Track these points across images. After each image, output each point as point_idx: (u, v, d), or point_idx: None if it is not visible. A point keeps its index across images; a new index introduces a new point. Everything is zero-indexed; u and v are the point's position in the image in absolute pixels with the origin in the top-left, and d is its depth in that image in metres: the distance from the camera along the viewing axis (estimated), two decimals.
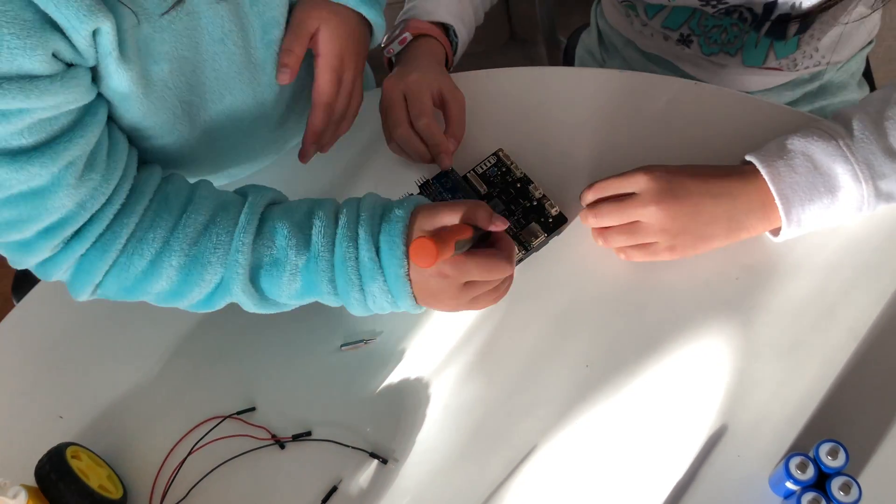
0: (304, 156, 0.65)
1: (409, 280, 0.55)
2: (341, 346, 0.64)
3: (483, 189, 0.67)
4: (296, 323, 0.65)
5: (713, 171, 0.60)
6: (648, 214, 0.59)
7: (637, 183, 0.60)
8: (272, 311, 0.59)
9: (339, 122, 0.66)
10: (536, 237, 0.64)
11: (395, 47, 0.72)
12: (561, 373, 0.60)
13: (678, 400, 0.58)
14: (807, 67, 0.78)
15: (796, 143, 0.59)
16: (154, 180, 0.57)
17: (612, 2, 0.87)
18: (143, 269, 0.55)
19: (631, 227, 0.60)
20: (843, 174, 0.57)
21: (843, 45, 0.77)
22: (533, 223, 0.65)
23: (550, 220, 0.65)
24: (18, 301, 0.72)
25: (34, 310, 0.70)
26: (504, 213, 0.66)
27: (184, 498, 0.60)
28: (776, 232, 0.60)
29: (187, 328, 0.66)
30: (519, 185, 0.67)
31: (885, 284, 0.60)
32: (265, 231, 0.56)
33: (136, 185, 0.56)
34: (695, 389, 0.58)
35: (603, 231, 0.62)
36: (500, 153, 0.68)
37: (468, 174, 0.68)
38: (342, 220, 0.56)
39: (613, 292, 0.62)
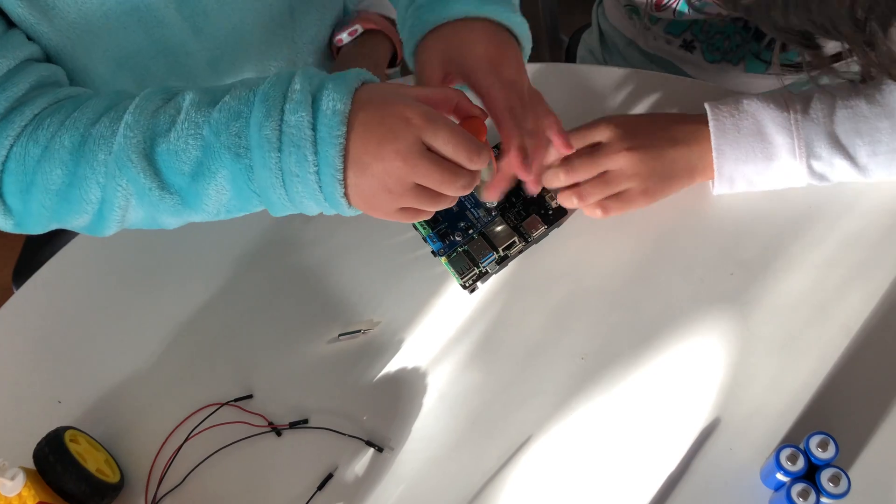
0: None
1: (345, 147, 0.46)
2: (339, 335, 0.64)
3: None
4: (294, 312, 0.66)
5: (671, 118, 0.64)
6: (619, 160, 0.61)
7: (602, 133, 0.62)
8: (177, 214, 0.51)
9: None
10: (537, 229, 0.64)
11: (345, 38, 0.71)
12: (556, 364, 0.61)
13: (672, 393, 0.59)
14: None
15: (753, 105, 0.62)
16: (68, 89, 0.55)
17: (614, 2, 0.87)
18: (38, 155, 0.51)
19: (603, 178, 0.62)
20: (782, 145, 0.60)
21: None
22: (533, 215, 0.65)
23: (550, 212, 0.65)
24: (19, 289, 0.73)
25: (34, 296, 0.70)
26: (504, 204, 0.66)
27: (180, 483, 0.61)
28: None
29: (186, 315, 0.67)
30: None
31: (879, 282, 0.60)
32: (170, 101, 0.50)
33: (49, 80, 0.55)
34: (688, 383, 0.59)
35: (577, 189, 0.62)
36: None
37: None
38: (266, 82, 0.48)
39: (610, 285, 0.63)
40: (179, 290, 0.68)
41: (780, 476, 0.50)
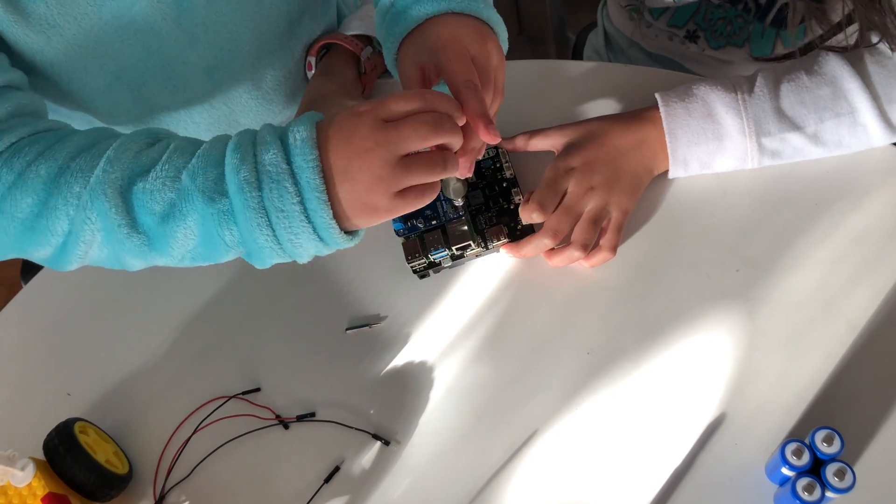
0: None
1: (321, 168, 0.47)
2: (346, 329, 0.65)
3: (472, 178, 0.67)
4: (301, 306, 0.66)
5: (614, 128, 0.64)
6: (589, 202, 0.62)
7: (560, 179, 0.63)
8: (141, 256, 0.51)
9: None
10: (498, 238, 0.64)
11: (312, 60, 0.75)
12: (563, 359, 0.61)
13: (677, 388, 0.59)
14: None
15: (701, 89, 0.64)
16: (49, 122, 0.55)
17: (617, 4, 0.88)
18: (10, 182, 0.50)
19: (585, 220, 0.62)
20: (732, 125, 0.62)
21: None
22: (502, 225, 0.65)
23: (518, 227, 0.65)
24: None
25: (43, 290, 0.71)
26: (481, 206, 0.66)
27: (188, 475, 0.61)
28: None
29: (194, 309, 0.67)
30: (504, 185, 0.67)
31: (885, 279, 0.60)
32: (154, 146, 0.51)
33: (27, 110, 0.55)
34: (694, 378, 0.59)
35: (570, 246, 0.62)
36: (500, 149, 0.68)
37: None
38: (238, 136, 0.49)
39: (616, 281, 0.63)
40: (188, 284, 0.68)
41: (785, 470, 0.51)
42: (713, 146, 0.62)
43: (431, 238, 0.64)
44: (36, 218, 0.50)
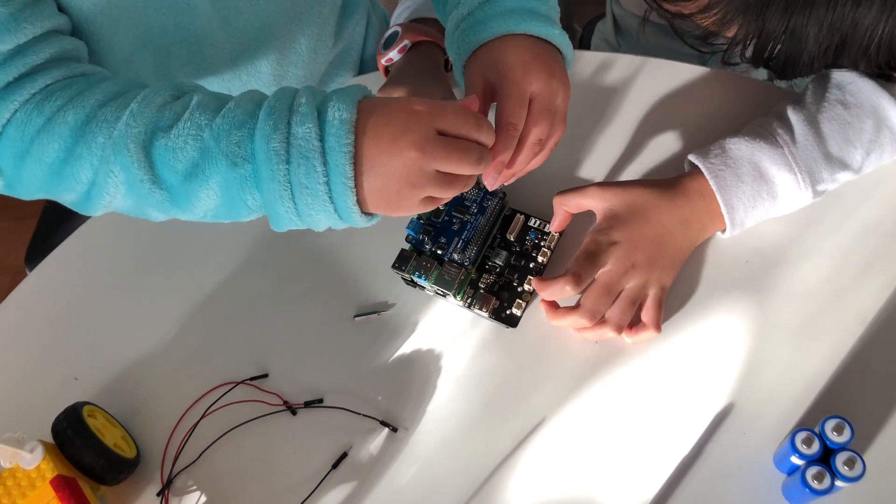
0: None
1: (355, 154, 0.47)
2: (354, 316, 0.65)
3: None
4: (310, 293, 0.66)
5: (658, 204, 0.60)
6: (628, 281, 0.59)
7: (602, 254, 0.59)
8: (163, 210, 0.52)
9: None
10: (482, 310, 0.62)
11: (395, 56, 0.70)
12: (571, 348, 0.61)
13: (686, 377, 0.59)
14: None
15: (743, 150, 0.60)
16: (84, 66, 0.55)
17: None
18: (39, 126, 0.50)
19: (622, 299, 0.59)
20: (786, 182, 0.60)
21: None
22: (495, 299, 0.62)
23: (506, 312, 0.62)
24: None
25: (51, 275, 0.71)
26: (497, 268, 0.63)
27: (196, 460, 0.61)
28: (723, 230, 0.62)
29: (203, 295, 0.67)
30: (530, 266, 0.63)
31: (895, 271, 0.60)
32: (178, 99, 0.51)
33: (69, 55, 0.55)
34: (703, 367, 0.59)
35: (604, 324, 0.59)
36: (552, 233, 0.64)
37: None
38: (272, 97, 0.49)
39: None
40: (196, 270, 0.68)
41: (794, 459, 0.51)
42: (769, 204, 0.60)
43: (426, 264, 0.62)
44: (62, 164, 0.51)
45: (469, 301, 0.62)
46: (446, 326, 0.63)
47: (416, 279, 0.62)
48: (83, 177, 0.51)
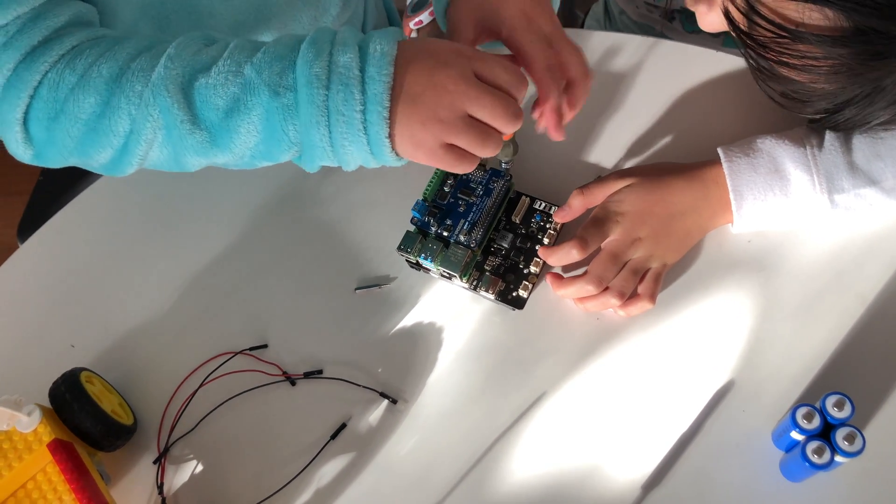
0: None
1: (393, 86, 0.47)
2: (355, 289, 0.64)
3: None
4: (311, 265, 0.66)
5: (674, 185, 0.61)
6: (633, 252, 0.60)
7: (609, 226, 0.60)
8: (202, 153, 0.51)
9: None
10: (489, 291, 0.62)
11: (426, 18, 0.69)
12: (572, 324, 0.61)
13: (687, 355, 0.59)
14: None
15: (767, 143, 0.60)
16: (106, 30, 0.55)
17: None
18: (73, 83, 0.51)
19: (627, 269, 0.60)
20: (801, 181, 0.59)
21: None
22: (501, 281, 0.62)
23: (512, 294, 0.62)
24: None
25: (48, 242, 0.70)
26: (503, 250, 0.63)
27: (193, 429, 0.61)
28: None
29: (203, 264, 0.67)
30: (535, 250, 0.63)
31: (895, 253, 0.61)
32: (213, 45, 0.52)
33: (85, 19, 0.55)
34: (703, 345, 0.59)
35: (608, 291, 0.59)
36: (554, 221, 0.64)
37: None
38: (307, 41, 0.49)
39: None
40: (197, 239, 0.68)
41: (794, 434, 0.51)
42: (780, 201, 0.59)
43: (432, 245, 0.61)
44: (98, 118, 0.51)
45: (475, 283, 0.62)
46: (448, 301, 0.63)
47: (421, 261, 0.62)
48: (121, 128, 0.51)
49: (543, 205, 0.65)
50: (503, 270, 0.63)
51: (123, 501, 0.58)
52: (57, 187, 1.03)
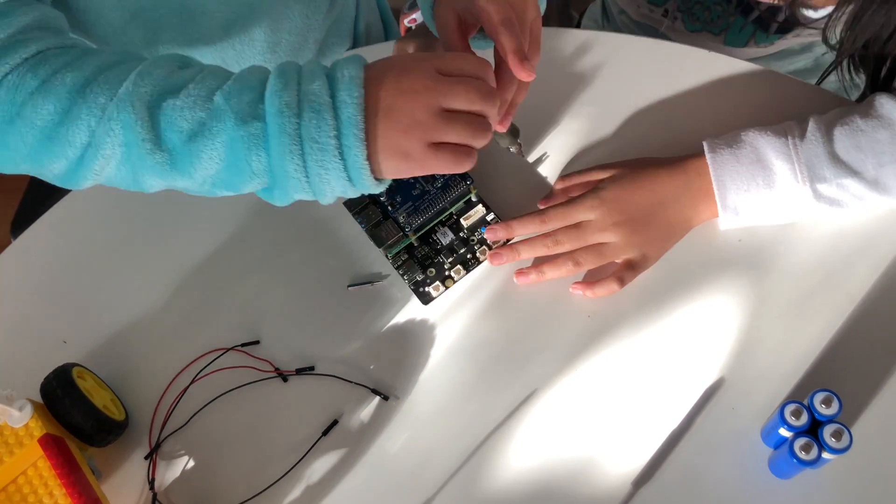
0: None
1: (365, 107, 0.47)
2: (348, 286, 0.64)
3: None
4: (304, 261, 0.66)
5: (655, 175, 0.62)
6: (608, 236, 0.61)
7: (587, 208, 0.61)
8: (162, 175, 0.50)
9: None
10: (405, 275, 0.63)
11: (419, 17, 0.71)
12: (564, 321, 0.61)
13: (677, 353, 0.60)
14: (797, 35, 0.79)
15: (750, 135, 0.61)
16: (76, 39, 0.54)
17: None
18: (33, 88, 0.49)
19: (596, 248, 0.61)
20: (783, 171, 0.59)
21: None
22: (420, 270, 0.64)
23: (423, 289, 0.63)
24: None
25: (41, 238, 0.70)
26: (442, 247, 0.65)
27: (184, 425, 0.61)
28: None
29: (195, 260, 0.67)
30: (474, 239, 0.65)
31: (884, 253, 0.61)
32: (186, 68, 0.51)
33: (52, 24, 0.54)
34: (694, 343, 0.60)
35: (570, 255, 0.61)
36: (496, 220, 0.65)
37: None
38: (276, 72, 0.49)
39: None
40: (190, 235, 0.68)
41: (782, 431, 0.51)
42: (764, 192, 0.60)
43: (371, 212, 0.64)
44: (56, 126, 0.49)
45: (398, 264, 0.64)
46: (440, 298, 0.63)
47: (355, 219, 0.63)
48: (78, 140, 0.49)
49: (496, 220, 0.65)
50: (428, 263, 0.64)
51: (114, 497, 0.58)
52: (50, 184, 1.03)
